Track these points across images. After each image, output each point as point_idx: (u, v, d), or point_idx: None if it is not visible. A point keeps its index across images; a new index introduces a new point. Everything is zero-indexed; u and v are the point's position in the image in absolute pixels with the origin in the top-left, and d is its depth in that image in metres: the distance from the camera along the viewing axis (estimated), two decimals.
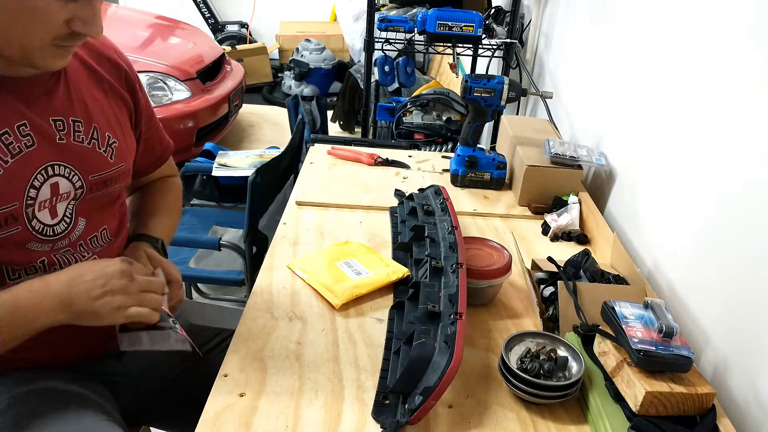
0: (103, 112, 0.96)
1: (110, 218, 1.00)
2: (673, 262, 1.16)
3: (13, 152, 0.83)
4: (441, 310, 0.94)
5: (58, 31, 0.78)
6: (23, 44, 0.78)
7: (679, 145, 1.18)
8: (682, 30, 1.21)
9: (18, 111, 0.84)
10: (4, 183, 0.82)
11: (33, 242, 0.87)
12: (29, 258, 0.88)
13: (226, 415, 0.84)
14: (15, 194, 0.83)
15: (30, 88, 0.85)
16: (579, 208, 1.41)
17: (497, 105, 1.52)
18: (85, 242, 0.95)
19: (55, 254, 0.91)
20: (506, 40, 2.38)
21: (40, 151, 0.86)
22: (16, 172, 0.83)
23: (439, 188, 1.36)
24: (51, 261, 0.90)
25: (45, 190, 0.87)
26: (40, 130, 0.86)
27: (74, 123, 0.91)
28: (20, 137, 0.83)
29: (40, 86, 0.87)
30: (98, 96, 0.96)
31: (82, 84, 0.94)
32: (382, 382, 0.91)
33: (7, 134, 0.82)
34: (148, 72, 3.28)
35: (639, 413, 0.82)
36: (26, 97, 0.85)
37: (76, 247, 0.94)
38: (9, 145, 0.82)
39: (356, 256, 1.21)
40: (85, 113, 0.93)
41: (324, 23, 5.39)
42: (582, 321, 0.99)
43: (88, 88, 0.95)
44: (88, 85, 0.95)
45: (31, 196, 0.85)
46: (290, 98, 2.99)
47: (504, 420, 0.87)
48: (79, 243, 0.94)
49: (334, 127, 4.15)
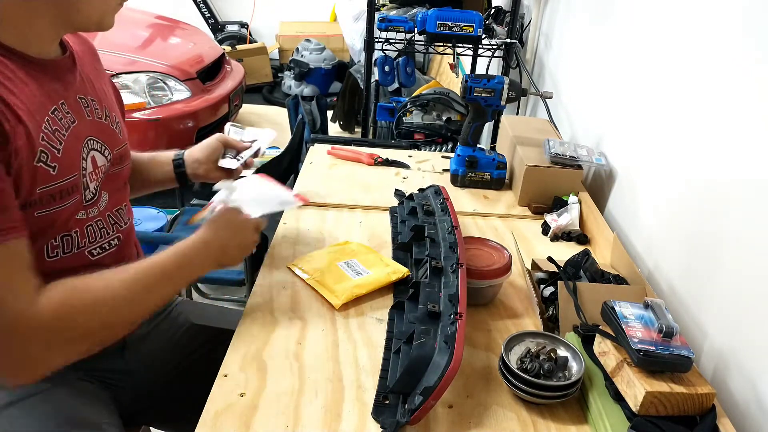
0: (105, 93, 1.03)
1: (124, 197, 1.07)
2: (673, 262, 1.16)
3: (65, 126, 0.88)
4: (441, 310, 0.94)
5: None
6: (104, 9, 0.88)
7: (679, 144, 1.18)
8: (682, 29, 1.21)
9: (57, 90, 0.89)
10: (66, 155, 0.87)
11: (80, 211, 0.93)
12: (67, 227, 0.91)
13: (226, 415, 0.84)
14: (74, 165, 0.89)
15: (58, 69, 0.91)
16: (579, 208, 1.41)
17: (497, 105, 1.52)
18: (112, 213, 1.01)
19: (88, 225, 0.95)
20: (506, 40, 2.38)
21: (81, 125, 0.92)
22: (72, 145, 0.89)
23: (439, 188, 1.36)
24: (83, 234, 0.94)
25: (89, 162, 0.94)
26: (75, 107, 0.92)
27: (92, 102, 0.98)
28: (65, 113, 0.89)
29: (64, 67, 0.92)
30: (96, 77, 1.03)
31: (86, 65, 1.00)
32: (382, 382, 0.91)
33: (57, 110, 0.87)
34: (148, 72, 3.28)
35: (639, 413, 0.82)
36: (60, 77, 0.91)
37: (105, 217, 0.99)
38: (61, 120, 0.88)
39: (356, 256, 1.21)
40: (95, 93, 0.99)
41: (324, 23, 5.39)
42: (582, 321, 0.99)
43: (91, 71, 1.01)
44: (89, 68, 1.02)
45: (84, 167, 0.92)
46: (290, 98, 3.00)
47: (504, 420, 0.87)
48: (108, 214, 1.00)
49: (334, 127, 4.15)
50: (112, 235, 1.01)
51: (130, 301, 0.87)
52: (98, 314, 0.83)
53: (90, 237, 0.96)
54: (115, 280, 0.86)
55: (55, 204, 0.86)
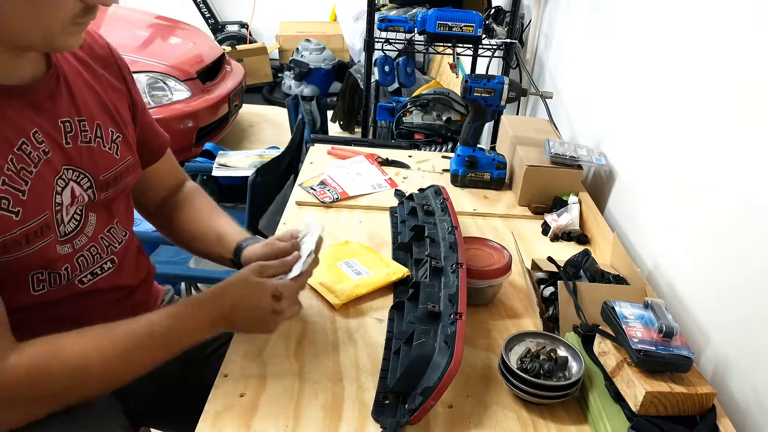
0: (104, 108, 0.96)
1: (119, 210, 1.01)
2: (673, 262, 1.16)
3: (35, 161, 0.82)
4: (441, 310, 0.94)
5: (75, 9, 0.77)
6: (44, 30, 0.77)
7: (679, 144, 1.18)
8: (682, 29, 1.21)
9: (29, 118, 0.82)
10: (35, 193, 0.81)
11: (58, 246, 0.87)
12: (54, 265, 0.87)
13: (226, 415, 0.84)
14: (44, 204, 0.83)
15: (35, 94, 0.84)
16: (579, 208, 1.41)
17: (497, 105, 1.51)
18: (105, 235, 0.95)
19: (77, 257, 0.90)
20: (506, 40, 2.38)
21: (54, 156, 0.85)
22: (42, 180, 0.82)
23: (439, 188, 1.36)
24: (74, 267, 0.90)
25: (66, 194, 0.87)
26: (51, 136, 0.85)
27: (80, 123, 0.90)
28: (37, 145, 0.82)
29: (43, 91, 0.85)
30: (98, 90, 0.96)
31: (80, 82, 0.93)
32: (382, 382, 0.91)
33: (25, 144, 0.81)
34: (148, 72, 3.28)
35: (639, 413, 0.82)
36: (33, 103, 0.84)
37: (97, 241, 0.94)
38: (29, 155, 0.81)
39: (356, 256, 1.21)
40: (88, 111, 0.92)
41: (324, 23, 5.39)
42: (582, 321, 0.99)
43: (87, 84, 0.95)
44: (87, 81, 0.95)
45: (58, 203, 0.85)
46: (290, 98, 2.99)
47: (504, 420, 0.87)
48: (100, 236, 0.94)
49: (334, 127, 4.15)
50: (105, 259, 0.95)
51: (103, 372, 0.83)
52: (68, 384, 0.81)
53: (81, 266, 0.91)
54: (91, 349, 0.81)
55: (22, 249, 0.80)
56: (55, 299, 0.89)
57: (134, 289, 1.07)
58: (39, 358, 0.78)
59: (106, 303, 0.98)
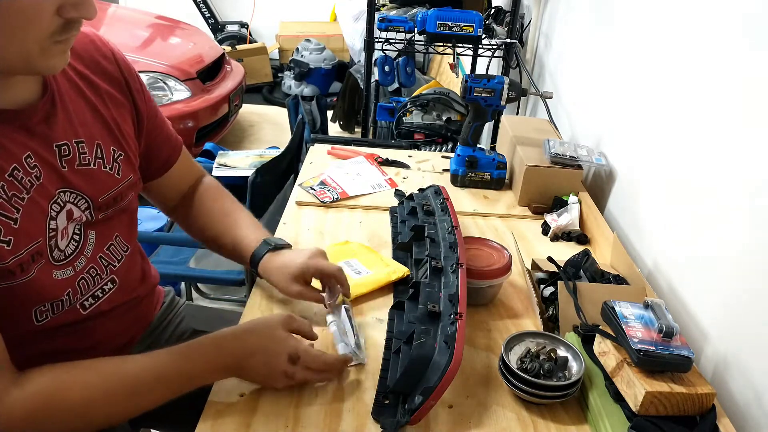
0: (105, 125, 0.93)
1: (119, 224, 0.98)
2: (673, 262, 1.16)
3: (27, 187, 0.79)
4: (441, 310, 0.94)
5: (52, 26, 0.71)
6: (21, 51, 0.71)
7: (679, 144, 1.18)
8: (682, 29, 1.21)
9: (21, 143, 0.79)
10: (27, 220, 0.78)
11: (55, 270, 0.85)
12: (55, 293, 0.85)
13: (226, 415, 0.84)
14: (38, 230, 0.81)
15: (27, 118, 0.81)
16: (579, 208, 1.41)
17: (497, 105, 1.51)
18: (103, 253, 0.93)
19: (79, 279, 0.89)
20: (506, 40, 2.38)
21: (48, 180, 0.82)
22: (35, 206, 0.80)
23: (439, 188, 1.36)
24: (75, 290, 0.88)
25: (62, 218, 0.85)
26: (45, 159, 0.82)
27: (78, 145, 0.87)
28: (29, 170, 0.80)
29: (37, 114, 0.82)
30: (99, 108, 0.92)
31: (79, 100, 0.89)
32: (382, 382, 0.91)
33: (17, 170, 0.78)
34: (148, 72, 3.28)
35: (639, 413, 0.82)
36: (25, 127, 0.80)
37: (96, 260, 0.92)
38: (21, 181, 0.78)
39: (356, 255, 1.21)
40: (87, 132, 0.89)
41: (324, 23, 5.39)
42: (582, 321, 0.99)
43: (86, 102, 0.91)
44: (86, 99, 0.91)
45: (53, 228, 0.83)
46: (290, 98, 2.99)
47: (504, 420, 0.87)
48: (99, 255, 0.92)
49: (334, 127, 4.15)
50: (105, 279, 0.94)
51: (107, 416, 0.82)
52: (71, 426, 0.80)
53: (83, 289, 0.90)
54: (97, 392, 0.80)
55: (17, 278, 0.78)
56: (59, 325, 0.88)
57: (141, 299, 1.06)
58: (41, 398, 0.76)
59: (111, 318, 0.98)
